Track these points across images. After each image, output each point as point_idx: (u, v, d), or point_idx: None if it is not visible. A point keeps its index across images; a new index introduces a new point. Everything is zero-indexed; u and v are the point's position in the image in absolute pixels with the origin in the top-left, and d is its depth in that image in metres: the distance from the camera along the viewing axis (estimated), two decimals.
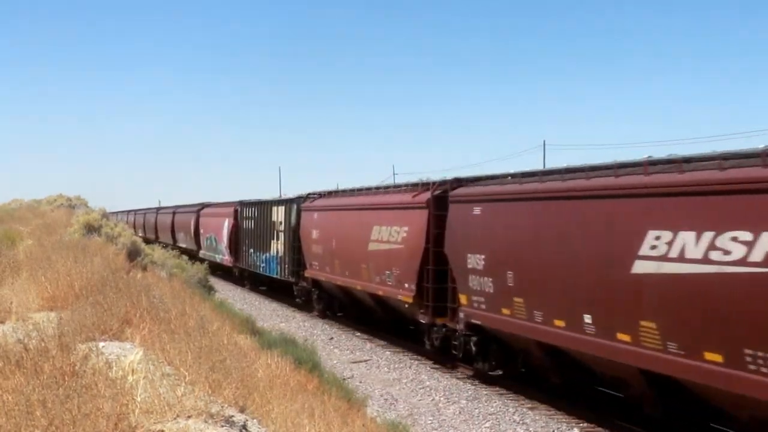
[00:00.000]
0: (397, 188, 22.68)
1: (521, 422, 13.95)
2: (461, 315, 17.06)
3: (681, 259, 10.55)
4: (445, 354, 18.61)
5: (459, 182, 18.28)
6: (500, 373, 16.95)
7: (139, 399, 5.67)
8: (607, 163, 13.11)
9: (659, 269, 10.94)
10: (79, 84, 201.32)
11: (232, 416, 6.11)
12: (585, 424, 13.60)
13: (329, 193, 27.90)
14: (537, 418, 14.16)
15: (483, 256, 15.95)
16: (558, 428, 13.52)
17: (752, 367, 9.44)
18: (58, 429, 4.79)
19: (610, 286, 12.01)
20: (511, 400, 15.45)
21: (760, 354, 9.37)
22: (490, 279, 15.68)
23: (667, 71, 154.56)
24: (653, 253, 11.07)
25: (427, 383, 17.06)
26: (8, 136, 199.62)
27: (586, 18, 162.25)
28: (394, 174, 78.99)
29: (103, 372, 6.05)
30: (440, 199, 18.36)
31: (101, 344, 7.37)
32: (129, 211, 77.80)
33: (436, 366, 18.68)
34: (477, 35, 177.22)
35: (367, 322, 24.23)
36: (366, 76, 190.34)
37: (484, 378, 16.96)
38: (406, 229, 19.73)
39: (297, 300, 29.94)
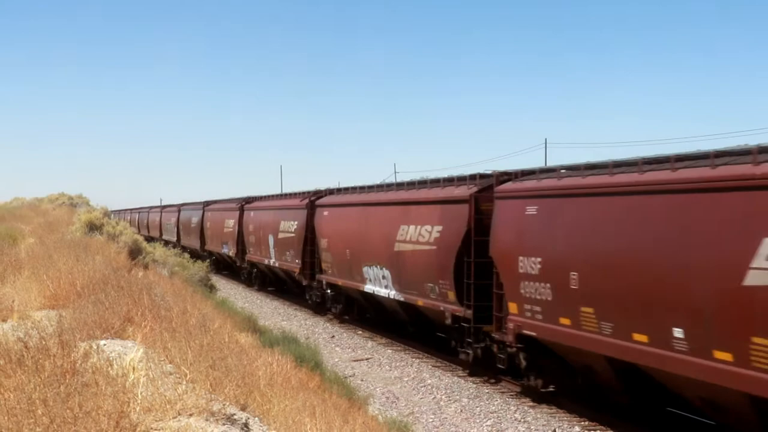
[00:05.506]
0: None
1: (522, 420, 13.94)
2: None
3: None
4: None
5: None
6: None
7: (140, 397, 5.68)
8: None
9: None
10: (81, 82, 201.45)
11: (234, 414, 6.12)
12: (586, 423, 13.60)
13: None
14: (538, 416, 14.16)
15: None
16: (559, 426, 13.51)
17: None
18: (60, 427, 4.80)
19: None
20: (513, 398, 15.44)
21: None
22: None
23: (669, 70, 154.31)
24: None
25: (429, 381, 17.05)
26: (10, 135, 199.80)
27: (587, 16, 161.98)
28: (395, 173, 79.28)
29: (103, 370, 6.06)
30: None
31: (102, 342, 7.38)
32: (132, 209, 77.90)
33: (438, 365, 18.67)
34: (477, 34, 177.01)
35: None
36: (366, 76, 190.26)
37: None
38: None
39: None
